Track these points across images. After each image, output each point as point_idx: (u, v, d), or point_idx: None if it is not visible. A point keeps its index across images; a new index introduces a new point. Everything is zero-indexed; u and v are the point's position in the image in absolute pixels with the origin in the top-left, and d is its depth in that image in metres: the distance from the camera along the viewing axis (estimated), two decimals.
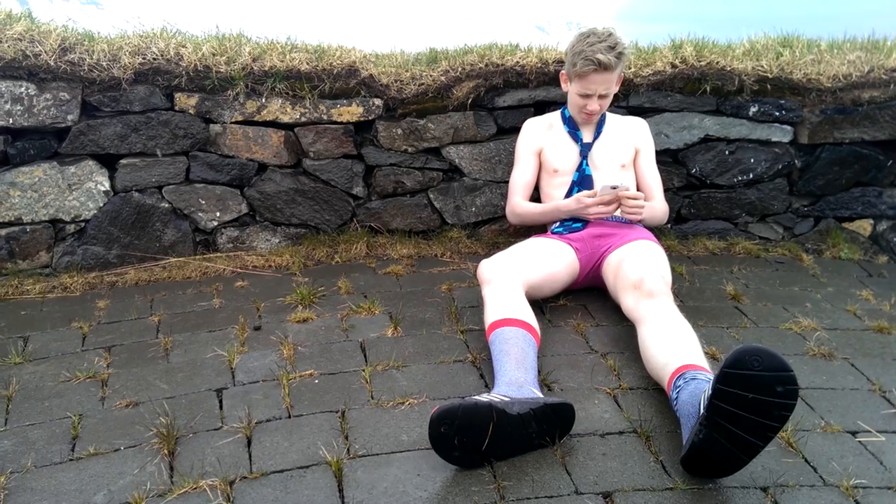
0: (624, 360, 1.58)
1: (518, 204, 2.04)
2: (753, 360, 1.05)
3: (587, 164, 1.99)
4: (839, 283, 2.17)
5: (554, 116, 2.09)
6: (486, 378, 1.49)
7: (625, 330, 1.71)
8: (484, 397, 1.19)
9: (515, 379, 1.32)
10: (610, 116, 2.05)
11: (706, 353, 1.47)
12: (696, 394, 1.20)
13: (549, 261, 1.80)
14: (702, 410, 1.12)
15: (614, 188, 1.81)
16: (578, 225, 1.91)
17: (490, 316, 1.53)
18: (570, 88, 1.96)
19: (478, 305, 1.79)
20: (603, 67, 1.83)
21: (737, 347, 1.08)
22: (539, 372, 1.51)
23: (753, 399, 1.05)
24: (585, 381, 1.49)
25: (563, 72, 2.01)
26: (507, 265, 1.67)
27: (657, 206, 2.02)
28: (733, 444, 1.09)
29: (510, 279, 1.61)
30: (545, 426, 1.21)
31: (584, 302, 1.90)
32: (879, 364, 1.62)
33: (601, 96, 1.91)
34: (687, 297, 1.99)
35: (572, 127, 2.02)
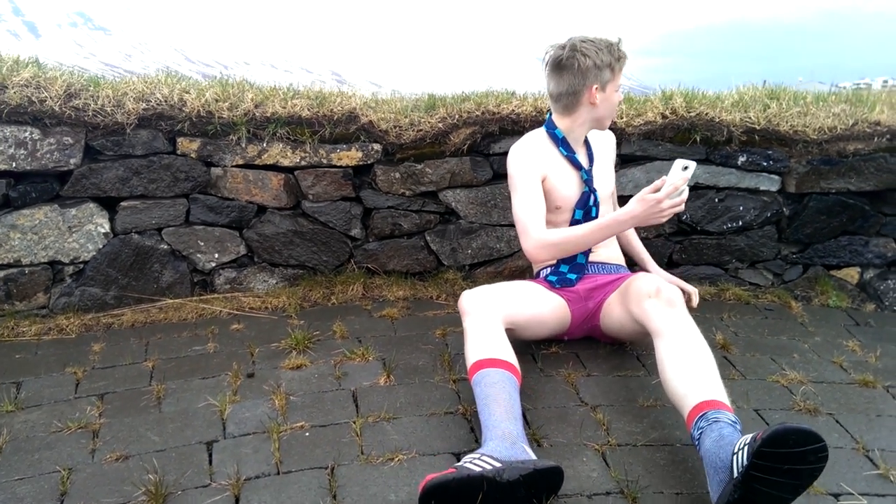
0: (614, 412, 1.59)
1: (547, 234, 1.68)
2: (790, 440, 1.13)
3: (594, 197, 1.78)
4: (827, 332, 2.20)
5: (542, 139, 1.79)
6: (476, 432, 1.50)
7: (616, 381, 1.73)
8: (475, 466, 1.20)
9: (507, 432, 1.32)
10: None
11: None
12: (722, 445, 1.22)
13: (533, 301, 1.74)
14: (735, 474, 1.17)
15: (686, 168, 1.51)
16: (572, 276, 1.84)
17: (472, 354, 1.51)
18: (606, 94, 1.73)
19: None
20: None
21: (774, 426, 1.14)
22: (528, 425, 1.52)
23: (788, 469, 1.14)
24: (574, 436, 1.50)
25: (594, 86, 1.70)
26: (487, 298, 1.62)
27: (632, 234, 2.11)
28: (764, 502, 1.17)
29: (489, 312, 1.58)
30: (533, 490, 1.22)
31: (576, 350, 1.92)
32: (864, 420, 1.64)
33: None
34: None
35: (569, 150, 1.76)
